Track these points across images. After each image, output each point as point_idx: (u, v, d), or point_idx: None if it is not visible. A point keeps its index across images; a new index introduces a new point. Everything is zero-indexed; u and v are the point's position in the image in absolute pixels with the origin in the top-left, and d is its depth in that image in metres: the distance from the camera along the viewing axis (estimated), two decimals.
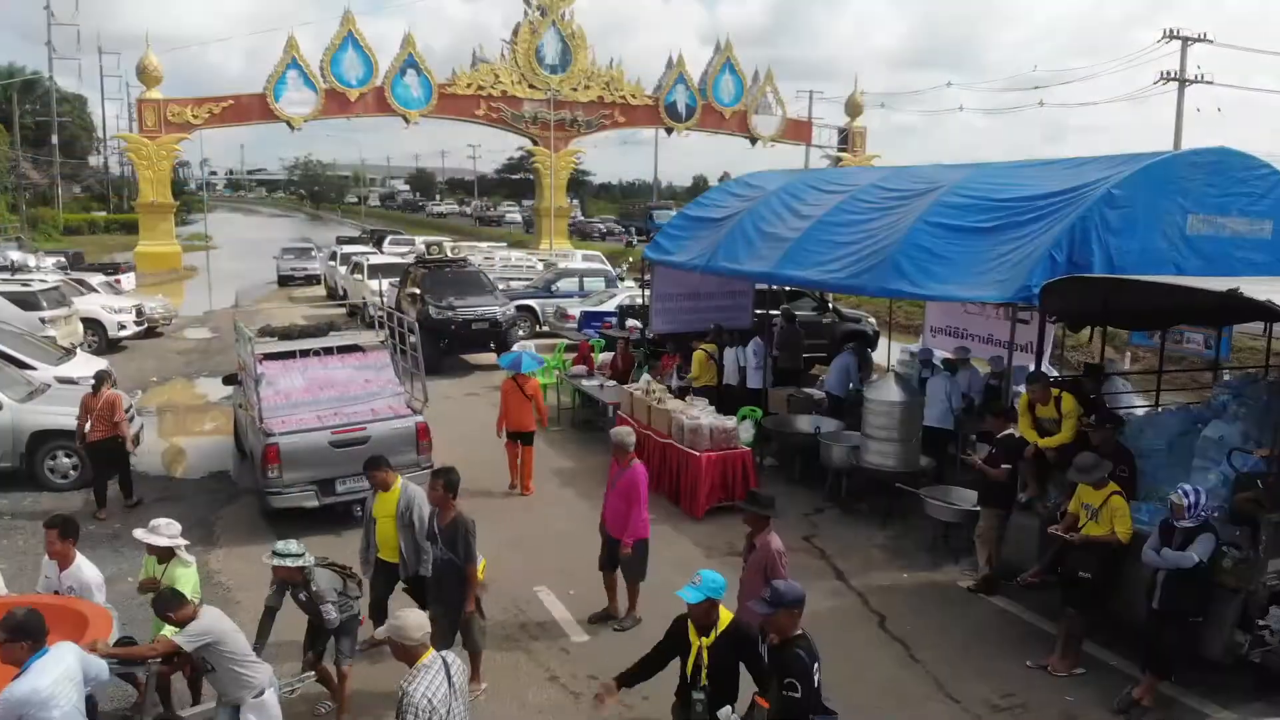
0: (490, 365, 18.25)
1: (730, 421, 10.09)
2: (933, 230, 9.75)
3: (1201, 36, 39.96)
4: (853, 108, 50.29)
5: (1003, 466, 8.03)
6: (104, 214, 65.11)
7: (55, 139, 59.80)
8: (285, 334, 11.17)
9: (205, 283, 36.78)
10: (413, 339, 10.80)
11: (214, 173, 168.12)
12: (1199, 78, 40.27)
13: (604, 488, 7.95)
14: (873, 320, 18.47)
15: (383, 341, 11.12)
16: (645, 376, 13.07)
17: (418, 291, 18.46)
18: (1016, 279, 8.36)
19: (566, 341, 19.50)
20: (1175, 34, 40.07)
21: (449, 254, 19.96)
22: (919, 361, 12.57)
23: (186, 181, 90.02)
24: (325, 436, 9.57)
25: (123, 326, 21.12)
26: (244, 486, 11.51)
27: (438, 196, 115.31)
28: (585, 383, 13.77)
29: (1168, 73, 39.75)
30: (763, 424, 11.54)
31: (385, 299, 22.25)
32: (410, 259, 24.02)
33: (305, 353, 10.42)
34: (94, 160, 74.94)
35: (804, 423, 11.47)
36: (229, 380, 12.34)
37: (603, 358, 15.92)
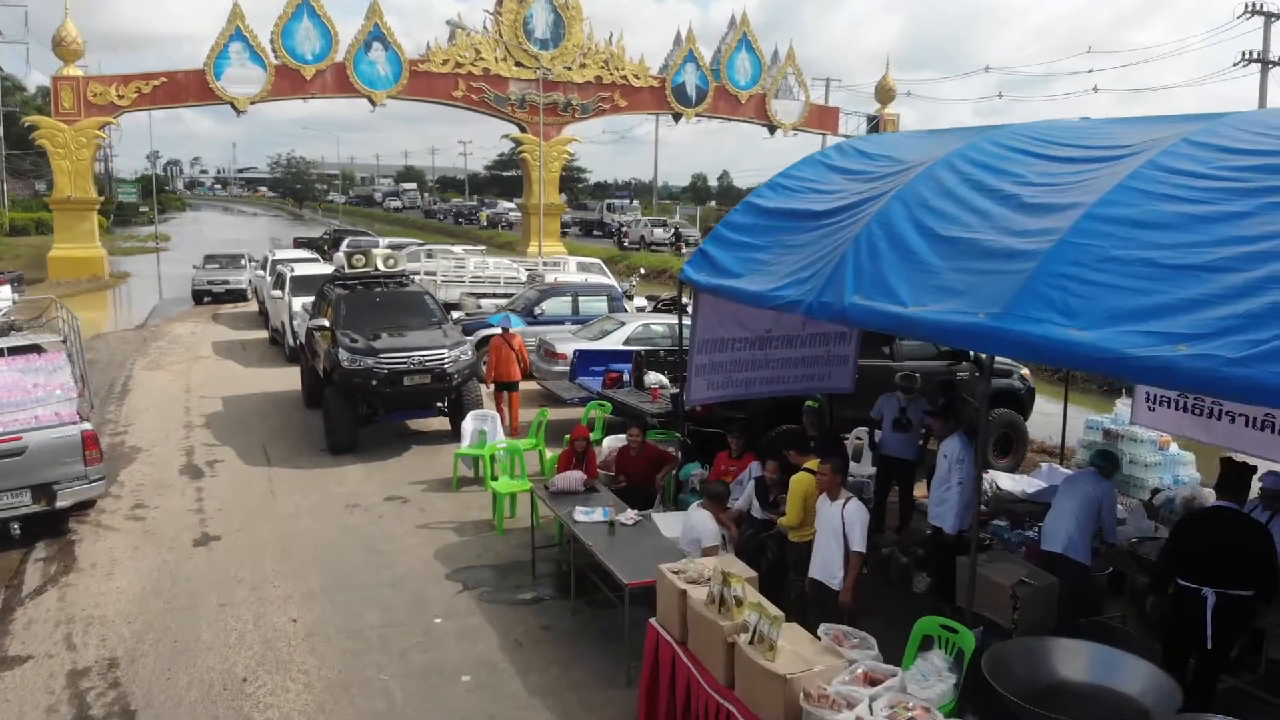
0: (446, 439, 12.19)
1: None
2: None
3: None
4: (884, 93, 44.12)
5: None
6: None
7: None
8: None
9: (131, 292, 31.16)
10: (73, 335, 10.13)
11: (204, 171, 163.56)
12: None
13: None
14: (1025, 372, 11.83)
15: (63, 340, 10.50)
16: (698, 515, 6.68)
17: (325, 323, 12.09)
18: None
19: (548, 407, 13.16)
20: (1258, 8, 35.45)
21: (380, 265, 13.42)
22: (1264, 493, 6.23)
23: (173, 178, 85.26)
24: None
25: None
26: None
27: (426, 195, 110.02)
28: (581, 516, 7.36)
29: (1249, 53, 35.80)
30: (983, 666, 5.10)
31: (300, 324, 16.01)
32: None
33: None
34: None
35: (1078, 665, 5.00)
36: None
37: (607, 447, 9.54)
